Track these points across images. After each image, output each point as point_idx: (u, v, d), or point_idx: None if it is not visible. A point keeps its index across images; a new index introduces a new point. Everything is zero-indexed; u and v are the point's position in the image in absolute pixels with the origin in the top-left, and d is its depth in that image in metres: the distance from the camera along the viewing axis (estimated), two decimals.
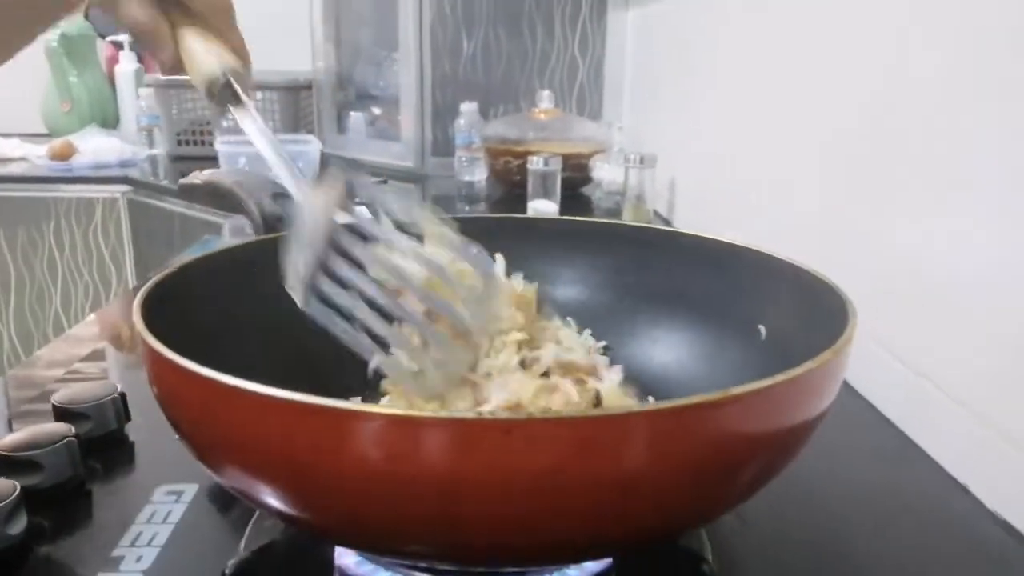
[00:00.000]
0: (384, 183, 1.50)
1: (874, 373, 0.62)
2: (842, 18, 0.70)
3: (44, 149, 1.93)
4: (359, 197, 0.42)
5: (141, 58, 2.16)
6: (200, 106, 1.96)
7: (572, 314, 0.56)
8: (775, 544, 0.45)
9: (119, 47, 2.14)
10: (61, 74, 2.17)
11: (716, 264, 0.53)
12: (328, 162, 0.44)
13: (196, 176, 0.64)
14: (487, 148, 1.46)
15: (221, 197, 0.61)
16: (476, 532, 0.31)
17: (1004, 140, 0.48)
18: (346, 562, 0.40)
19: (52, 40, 2.10)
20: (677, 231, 0.62)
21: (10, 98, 2.14)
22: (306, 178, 0.43)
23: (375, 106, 1.80)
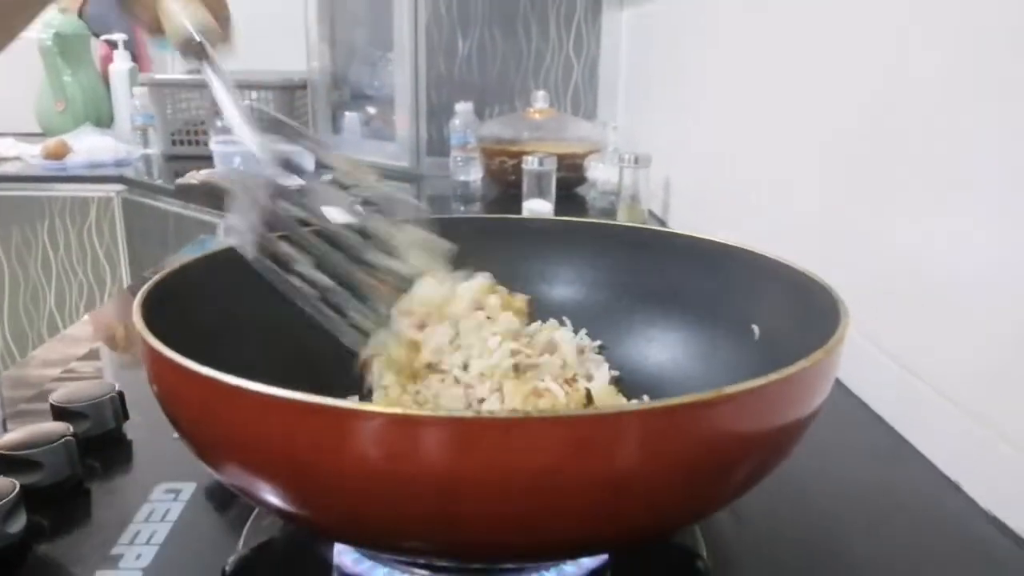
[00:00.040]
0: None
1: (867, 372, 0.62)
2: (842, 17, 0.70)
3: (38, 148, 1.92)
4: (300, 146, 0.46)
5: (136, 57, 2.16)
6: (195, 105, 1.96)
7: (567, 314, 0.57)
8: (769, 542, 0.46)
9: (113, 46, 2.13)
10: (55, 73, 2.17)
11: (710, 264, 0.53)
12: (262, 116, 0.46)
13: (193, 176, 0.64)
14: (482, 148, 1.46)
15: (218, 197, 0.62)
16: (474, 530, 0.32)
17: (1004, 140, 0.48)
18: (344, 559, 0.40)
19: (46, 39, 2.10)
20: (671, 231, 0.62)
21: (4, 97, 2.14)
22: (260, 131, 0.47)
23: (370, 106, 1.80)
